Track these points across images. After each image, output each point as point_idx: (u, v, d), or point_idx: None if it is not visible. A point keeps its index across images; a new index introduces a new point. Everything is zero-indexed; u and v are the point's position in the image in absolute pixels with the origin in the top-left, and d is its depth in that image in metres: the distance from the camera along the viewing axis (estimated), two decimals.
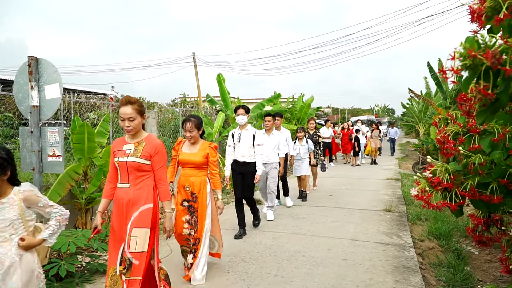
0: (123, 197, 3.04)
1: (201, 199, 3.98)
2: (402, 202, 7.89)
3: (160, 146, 3.09)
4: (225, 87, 11.35)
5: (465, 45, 1.35)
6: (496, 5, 1.36)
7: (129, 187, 3.03)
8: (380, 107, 72.11)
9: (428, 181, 1.75)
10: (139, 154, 3.00)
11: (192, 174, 4.00)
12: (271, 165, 6.59)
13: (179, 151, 4.10)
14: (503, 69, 1.28)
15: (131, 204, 3.01)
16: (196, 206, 3.96)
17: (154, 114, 7.99)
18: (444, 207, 1.69)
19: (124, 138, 3.16)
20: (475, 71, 1.34)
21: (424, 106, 21.08)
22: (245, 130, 5.61)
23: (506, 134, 1.70)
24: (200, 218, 3.95)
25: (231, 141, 5.72)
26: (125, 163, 3.01)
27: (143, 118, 3.09)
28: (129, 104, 2.98)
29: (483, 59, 1.30)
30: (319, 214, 6.90)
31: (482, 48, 1.33)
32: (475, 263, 4.83)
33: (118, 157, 3.04)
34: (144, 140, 3.09)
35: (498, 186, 1.69)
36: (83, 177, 5.67)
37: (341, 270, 4.23)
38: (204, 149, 4.01)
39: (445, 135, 1.85)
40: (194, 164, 3.99)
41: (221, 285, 3.89)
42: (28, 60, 4.32)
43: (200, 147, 4.04)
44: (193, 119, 3.97)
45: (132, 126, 2.99)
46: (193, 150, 4.04)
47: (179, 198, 4.02)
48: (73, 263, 3.88)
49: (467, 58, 1.32)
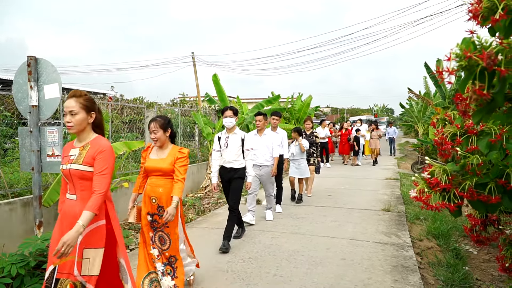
0: (70, 211, 2.56)
1: None
2: (401, 202, 7.91)
3: (104, 147, 2.58)
4: (221, 87, 11.34)
5: (461, 46, 1.36)
6: (492, 6, 1.37)
7: (76, 199, 2.57)
8: (379, 107, 72.17)
9: (426, 182, 1.77)
10: (81, 160, 2.55)
11: (160, 184, 3.44)
12: (267, 168, 6.24)
13: (147, 157, 3.58)
14: (498, 70, 1.29)
15: None
16: (164, 222, 3.38)
17: (153, 114, 7.99)
18: (443, 207, 1.71)
19: (73, 142, 2.71)
20: (471, 71, 1.35)
21: (423, 106, 21.10)
22: (233, 134, 5.18)
23: (503, 135, 1.72)
24: (172, 235, 3.44)
25: (217, 145, 5.29)
26: (68, 171, 2.56)
27: (90, 116, 2.63)
28: (74, 97, 2.59)
29: (479, 60, 1.31)
30: (318, 214, 6.92)
31: (478, 49, 1.35)
32: (473, 262, 4.85)
33: (63, 165, 2.61)
34: (90, 143, 2.62)
35: (496, 186, 1.71)
36: None
37: (339, 269, 4.24)
38: (173, 155, 3.47)
39: (442, 137, 1.87)
40: (162, 171, 3.44)
41: (220, 285, 3.90)
42: (28, 60, 4.32)
43: (170, 152, 3.50)
44: (158, 119, 3.49)
45: (73, 122, 2.55)
46: (161, 156, 3.50)
47: (143, 210, 3.52)
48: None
49: (463, 59, 1.34)
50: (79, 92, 2.63)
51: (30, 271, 3.76)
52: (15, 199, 4.95)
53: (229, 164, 5.13)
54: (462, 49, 1.34)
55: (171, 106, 12.37)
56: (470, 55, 1.32)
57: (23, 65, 4.38)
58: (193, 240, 5.43)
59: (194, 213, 7.20)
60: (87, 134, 2.65)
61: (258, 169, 6.12)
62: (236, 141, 5.14)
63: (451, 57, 1.37)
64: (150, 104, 9.16)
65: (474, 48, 1.36)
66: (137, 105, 8.93)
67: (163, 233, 3.45)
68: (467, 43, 1.37)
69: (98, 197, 2.47)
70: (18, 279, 3.62)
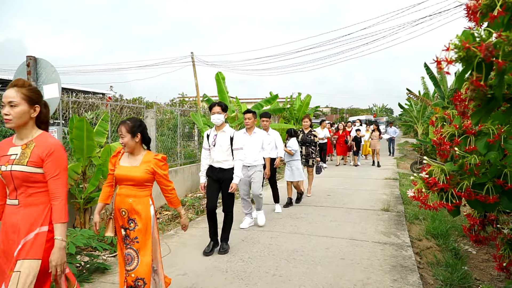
0: (11, 218, 2.25)
1: (141, 227, 2.97)
2: (400, 202, 7.92)
3: (54, 146, 2.27)
4: (223, 86, 11.34)
5: (460, 37, 1.37)
6: (491, 3, 1.38)
7: (18, 204, 2.25)
8: (378, 107, 72.18)
9: (424, 181, 1.78)
10: (26, 160, 2.22)
11: (131, 194, 3.01)
12: (255, 168, 5.88)
13: (116, 164, 3.14)
14: (496, 62, 1.30)
15: (20, 227, 2.21)
16: (134, 237, 2.95)
17: (152, 114, 7.99)
18: (441, 207, 1.71)
19: (11, 139, 2.35)
20: (469, 63, 1.36)
21: (422, 106, 21.12)
22: (222, 132, 4.87)
23: (501, 135, 1.73)
24: (142, 252, 2.93)
25: (206, 143, 4.99)
26: (10, 174, 2.21)
27: (34, 109, 2.28)
28: (15, 86, 2.23)
29: (477, 51, 1.32)
30: (317, 213, 6.92)
31: (477, 41, 1.35)
32: (472, 262, 4.86)
33: (1, 166, 2.25)
34: (34, 140, 2.28)
35: (493, 186, 1.72)
36: (81, 177, 5.68)
37: (339, 269, 4.25)
38: (148, 162, 3.05)
39: (441, 137, 1.88)
40: (133, 181, 3.01)
41: (219, 284, 3.90)
42: (27, 60, 4.33)
43: (143, 159, 3.07)
44: (127, 122, 3.05)
45: (12, 115, 2.20)
46: (134, 163, 3.06)
47: (117, 223, 3.10)
48: (72, 262, 3.89)
49: (461, 50, 1.34)
50: (22, 82, 2.28)
51: None
52: None
53: (218, 164, 4.87)
54: (461, 40, 1.35)
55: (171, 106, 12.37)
56: (469, 46, 1.33)
57: (22, 65, 4.39)
58: (192, 240, 5.45)
59: (193, 213, 7.21)
60: (29, 131, 2.30)
61: (246, 170, 5.81)
62: (225, 139, 4.85)
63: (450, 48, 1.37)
64: (150, 104, 9.17)
65: (473, 40, 1.37)
66: (137, 105, 8.93)
67: (132, 250, 2.94)
68: (467, 35, 1.38)
69: (61, 204, 2.25)
70: None
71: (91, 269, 4.19)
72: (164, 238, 5.49)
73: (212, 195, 4.88)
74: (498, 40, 1.32)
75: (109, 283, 3.94)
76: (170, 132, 9.34)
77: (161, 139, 8.77)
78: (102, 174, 5.61)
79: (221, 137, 4.86)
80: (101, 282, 3.97)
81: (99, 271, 4.18)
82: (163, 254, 4.77)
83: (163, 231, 5.94)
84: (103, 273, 4.17)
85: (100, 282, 3.97)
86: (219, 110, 4.77)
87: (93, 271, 4.18)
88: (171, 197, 3.21)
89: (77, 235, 4.06)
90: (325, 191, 9.30)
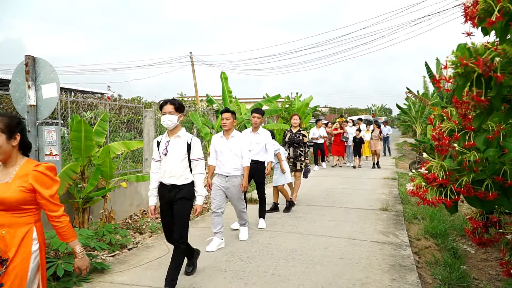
0: None
1: (17, 267, 2.13)
2: (398, 201, 7.93)
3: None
4: (224, 86, 11.37)
5: (456, 53, 1.38)
6: (488, 7, 1.38)
7: None
8: (377, 106, 72.25)
9: (423, 177, 1.78)
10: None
11: (3, 223, 2.16)
12: (235, 179, 5.04)
13: None
14: (495, 76, 1.30)
15: None
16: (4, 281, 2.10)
17: (151, 114, 7.98)
18: (439, 203, 1.71)
19: None
20: (468, 78, 1.37)
21: (421, 106, 21.16)
22: (176, 137, 3.81)
23: (500, 132, 1.73)
24: None
25: (156, 153, 3.92)
26: None
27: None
28: None
29: (475, 66, 1.32)
30: (316, 213, 6.92)
31: (474, 55, 1.36)
32: (471, 261, 4.87)
33: None
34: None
35: (492, 183, 1.72)
36: (80, 176, 5.67)
37: (337, 268, 4.25)
38: (25, 176, 2.19)
39: (440, 132, 1.88)
40: (3, 204, 2.14)
41: (218, 284, 3.89)
42: (25, 59, 4.31)
43: (19, 171, 2.21)
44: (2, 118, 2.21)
45: None
46: (4, 179, 2.21)
47: None
48: (70, 262, 3.87)
49: (459, 67, 1.35)
50: None
51: None
52: None
53: (170, 180, 3.77)
54: (457, 57, 1.36)
55: None
56: (466, 63, 1.33)
57: (21, 64, 4.38)
58: (191, 239, 5.43)
59: None
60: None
61: (223, 180, 5.04)
62: (180, 147, 3.79)
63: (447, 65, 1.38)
64: (148, 104, 9.16)
65: (470, 55, 1.37)
66: (135, 104, 8.93)
67: None
68: (462, 50, 1.38)
69: None
70: None
71: (90, 269, 4.17)
72: (162, 238, 5.47)
73: (169, 223, 3.89)
74: (494, 53, 1.32)
75: (108, 283, 3.93)
76: None
77: None
78: (101, 174, 5.61)
79: (175, 144, 3.81)
80: (100, 281, 3.96)
81: (98, 271, 4.17)
82: (161, 254, 4.77)
83: (161, 231, 5.93)
84: (101, 273, 4.16)
85: (98, 281, 3.96)
86: (171, 109, 3.71)
87: (91, 271, 4.16)
88: (60, 227, 2.27)
89: None
90: (323, 190, 9.30)
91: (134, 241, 5.47)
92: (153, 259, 4.63)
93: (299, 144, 7.36)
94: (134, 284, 3.90)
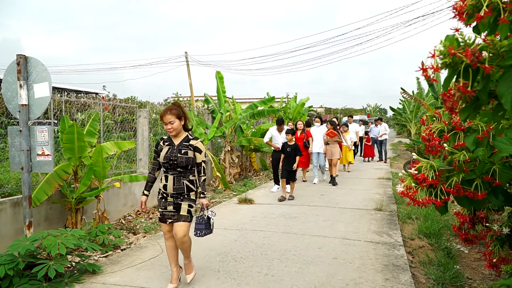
0: None
1: None
2: (393, 201, 7.94)
3: None
4: (219, 85, 11.32)
5: (444, 43, 1.37)
6: (477, 3, 1.38)
7: None
8: (372, 107, 72.43)
9: (413, 177, 1.77)
10: None
11: None
12: None
13: None
14: (482, 67, 1.29)
15: None
16: None
17: (145, 114, 7.95)
18: (429, 203, 1.71)
19: None
20: (455, 69, 1.36)
21: (415, 106, 21.19)
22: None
23: (490, 132, 1.73)
24: None
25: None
26: None
27: None
28: None
29: (463, 57, 1.31)
30: (310, 213, 6.92)
31: (462, 46, 1.35)
32: (464, 261, 4.88)
33: None
34: None
35: (482, 182, 1.72)
36: (73, 177, 5.64)
37: (331, 268, 4.24)
38: None
39: (430, 132, 1.88)
40: None
41: (212, 285, 3.88)
42: (17, 58, 4.28)
43: None
44: None
45: None
46: None
47: None
48: (62, 263, 3.84)
49: (447, 56, 1.34)
50: None
51: (19, 272, 3.72)
52: (5, 199, 4.90)
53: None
54: (446, 46, 1.35)
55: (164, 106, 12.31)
56: (454, 52, 1.32)
57: (12, 63, 4.35)
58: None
59: None
60: None
61: None
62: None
63: (435, 54, 1.37)
64: (143, 104, 9.12)
65: (458, 45, 1.36)
66: (129, 104, 8.88)
67: None
68: (451, 40, 1.37)
69: None
70: (6, 280, 3.58)
71: (82, 270, 4.15)
72: (156, 238, 5.46)
73: None
74: (483, 44, 1.32)
75: (100, 284, 3.91)
76: (164, 132, 9.29)
77: (154, 139, 8.73)
78: (94, 174, 5.57)
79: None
80: (92, 282, 3.93)
81: (89, 272, 4.14)
82: (155, 254, 4.75)
83: (155, 231, 5.91)
84: (94, 273, 4.13)
85: (91, 282, 3.93)
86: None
87: (84, 271, 4.14)
88: None
89: (67, 236, 4.02)
90: (318, 190, 9.31)
91: (128, 241, 5.44)
92: (146, 259, 4.60)
93: None
94: (126, 285, 3.88)
